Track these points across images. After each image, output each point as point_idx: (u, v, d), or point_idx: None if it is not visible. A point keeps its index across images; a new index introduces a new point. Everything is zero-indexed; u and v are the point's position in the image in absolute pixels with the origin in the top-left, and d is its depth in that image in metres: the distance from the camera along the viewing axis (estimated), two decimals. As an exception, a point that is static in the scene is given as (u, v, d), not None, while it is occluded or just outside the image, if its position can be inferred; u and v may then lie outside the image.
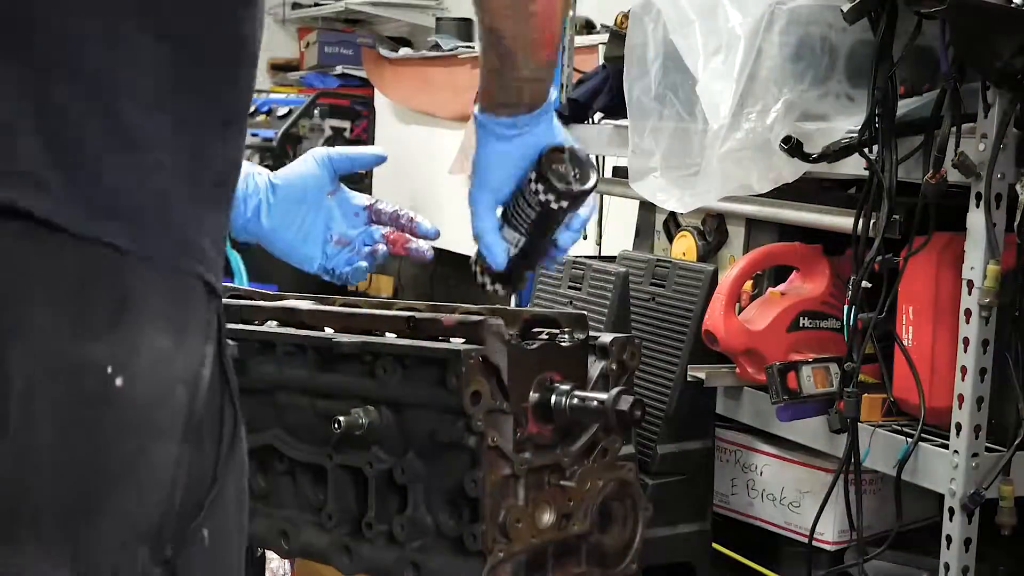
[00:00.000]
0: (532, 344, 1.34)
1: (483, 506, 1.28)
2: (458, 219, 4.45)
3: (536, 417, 1.31)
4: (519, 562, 1.30)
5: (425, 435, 1.33)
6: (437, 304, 1.49)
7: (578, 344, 1.36)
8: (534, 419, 1.31)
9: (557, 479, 1.33)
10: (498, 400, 1.29)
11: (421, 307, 1.48)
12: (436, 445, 1.32)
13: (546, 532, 1.32)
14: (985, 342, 1.76)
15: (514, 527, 1.28)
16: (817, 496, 2.07)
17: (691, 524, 2.18)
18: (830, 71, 2.03)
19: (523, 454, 1.30)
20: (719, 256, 2.40)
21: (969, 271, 1.77)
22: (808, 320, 2.13)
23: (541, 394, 1.30)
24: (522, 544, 1.29)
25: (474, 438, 1.28)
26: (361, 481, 1.40)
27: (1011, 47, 1.64)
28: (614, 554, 1.39)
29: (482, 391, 1.27)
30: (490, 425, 1.28)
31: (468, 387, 1.26)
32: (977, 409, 1.77)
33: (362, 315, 1.47)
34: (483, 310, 1.39)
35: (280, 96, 4.94)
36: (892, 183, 1.85)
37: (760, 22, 1.99)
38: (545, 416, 1.31)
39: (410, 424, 1.35)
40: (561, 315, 1.40)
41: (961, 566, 1.78)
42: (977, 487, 1.77)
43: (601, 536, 1.37)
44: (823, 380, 1.99)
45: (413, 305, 1.49)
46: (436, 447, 1.32)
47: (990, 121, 1.72)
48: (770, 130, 1.97)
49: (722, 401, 2.24)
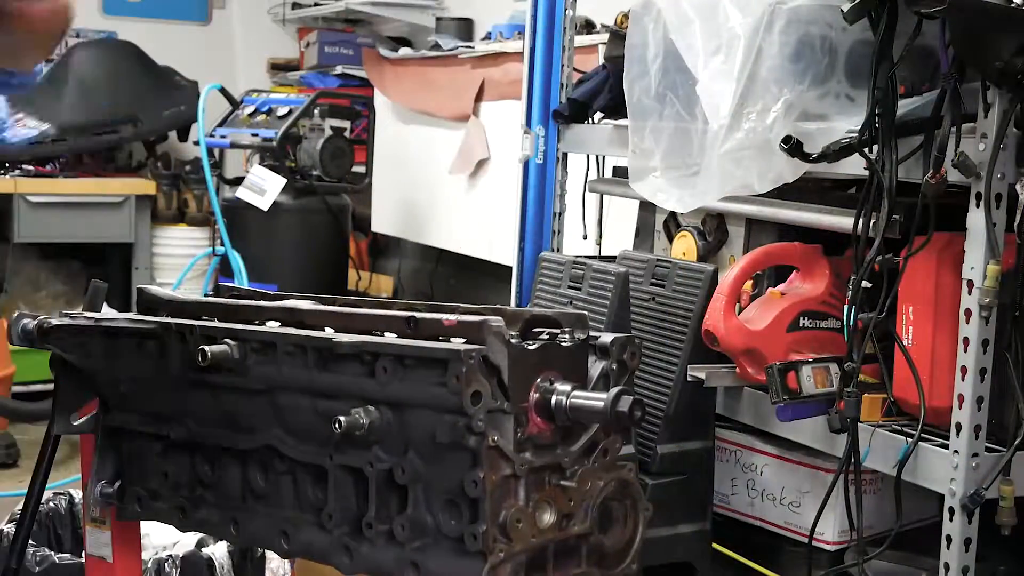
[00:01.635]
0: (532, 344, 1.34)
1: (483, 506, 1.28)
2: (458, 219, 4.49)
3: (536, 417, 1.31)
4: (519, 562, 1.30)
5: (426, 435, 1.33)
6: (437, 304, 1.49)
7: (578, 344, 1.36)
8: (534, 419, 1.31)
9: (557, 479, 1.33)
10: (499, 400, 1.29)
11: (421, 307, 1.48)
12: (436, 445, 1.31)
13: (546, 532, 1.32)
14: (985, 342, 1.76)
15: (514, 527, 1.28)
16: (817, 496, 2.07)
17: (691, 524, 2.19)
18: (830, 71, 2.03)
19: (523, 454, 1.30)
20: (719, 256, 2.40)
21: (969, 271, 1.77)
22: (808, 320, 2.13)
23: (541, 394, 1.30)
24: (522, 544, 1.29)
25: (474, 438, 1.28)
26: (361, 481, 1.40)
27: (1011, 47, 1.64)
28: (614, 554, 1.39)
29: (482, 391, 1.27)
30: (490, 425, 1.28)
31: (468, 387, 1.26)
32: (977, 409, 1.77)
33: (362, 315, 1.47)
34: (483, 310, 1.39)
35: (280, 96, 4.93)
36: (892, 183, 1.85)
37: (760, 22, 1.99)
38: (545, 416, 1.31)
39: (410, 424, 1.35)
40: (561, 315, 1.40)
41: (961, 566, 1.78)
42: (977, 487, 1.77)
43: (601, 536, 1.37)
44: (823, 380, 1.99)
45: (413, 305, 1.49)
46: (436, 447, 1.32)
47: (990, 121, 1.72)
48: (770, 130, 1.97)
49: (722, 401, 2.24)
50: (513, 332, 1.34)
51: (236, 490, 1.54)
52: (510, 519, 1.28)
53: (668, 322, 2.21)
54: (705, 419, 2.21)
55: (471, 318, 1.33)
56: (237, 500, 1.54)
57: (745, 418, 2.23)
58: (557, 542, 1.34)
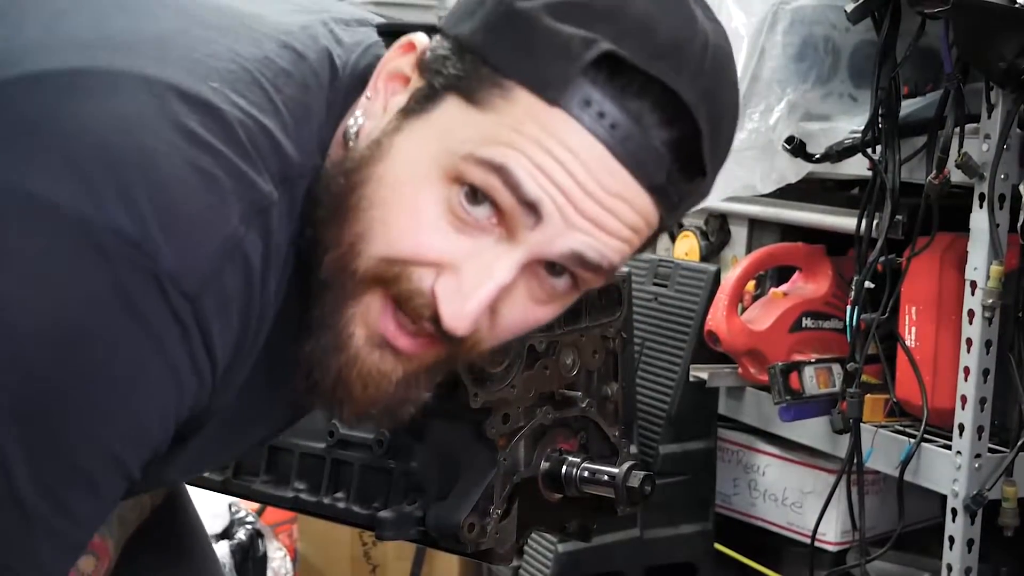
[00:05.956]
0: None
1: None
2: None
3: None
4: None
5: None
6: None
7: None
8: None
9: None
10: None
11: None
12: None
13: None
14: (988, 343, 1.76)
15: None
16: (819, 497, 2.07)
17: (693, 524, 2.18)
18: (833, 71, 2.03)
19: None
20: (722, 256, 2.40)
21: (972, 272, 1.76)
22: (811, 320, 2.13)
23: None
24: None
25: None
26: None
27: (1015, 47, 1.63)
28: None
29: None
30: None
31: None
32: (980, 410, 1.77)
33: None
34: None
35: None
36: (895, 183, 1.85)
37: (763, 22, 1.99)
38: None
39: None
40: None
41: (963, 567, 1.78)
42: (980, 488, 1.76)
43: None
44: (826, 380, 1.99)
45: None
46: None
47: (993, 121, 1.72)
48: (773, 130, 1.97)
49: (724, 401, 2.24)
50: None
51: None
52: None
53: (670, 322, 2.21)
54: (707, 419, 2.21)
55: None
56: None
57: (747, 418, 2.23)
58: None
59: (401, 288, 0.90)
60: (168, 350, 0.83)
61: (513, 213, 0.88)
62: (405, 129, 0.91)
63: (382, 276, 0.90)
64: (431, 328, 0.91)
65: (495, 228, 0.89)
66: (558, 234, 0.88)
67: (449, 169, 0.88)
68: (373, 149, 0.91)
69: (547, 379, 1.24)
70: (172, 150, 0.82)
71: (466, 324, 0.90)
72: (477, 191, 0.88)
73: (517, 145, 0.86)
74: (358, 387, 0.93)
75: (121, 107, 0.83)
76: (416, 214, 0.89)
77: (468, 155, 0.87)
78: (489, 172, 0.87)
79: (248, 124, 0.87)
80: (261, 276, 0.88)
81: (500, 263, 0.89)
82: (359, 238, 0.90)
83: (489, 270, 0.89)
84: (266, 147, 0.88)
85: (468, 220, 0.88)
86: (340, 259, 0.90)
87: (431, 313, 0.90)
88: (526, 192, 0.87)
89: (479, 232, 0.89)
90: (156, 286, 0.81)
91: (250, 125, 0.87)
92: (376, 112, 0.94)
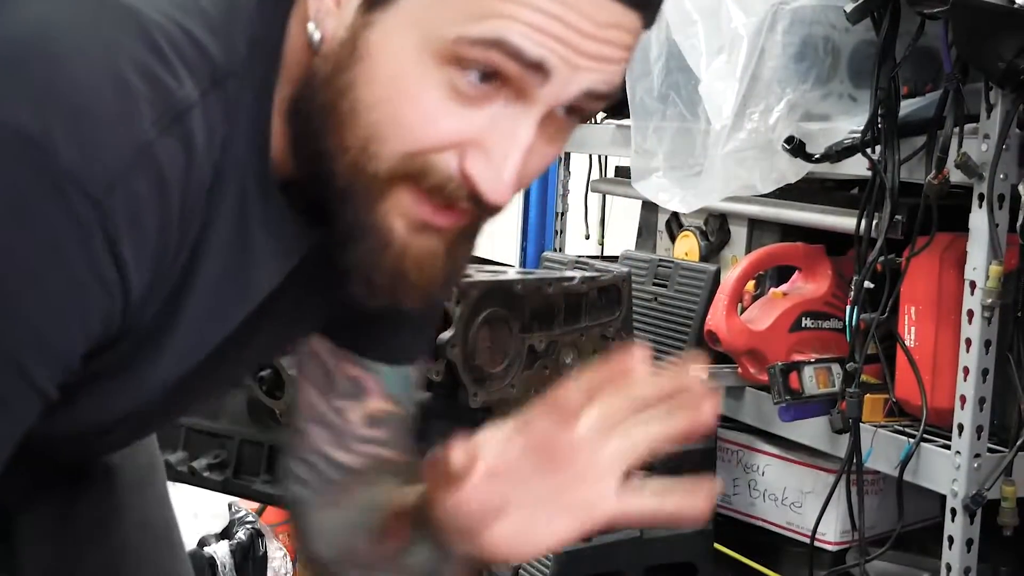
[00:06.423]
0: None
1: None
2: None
3: None
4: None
5: None
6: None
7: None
8: None
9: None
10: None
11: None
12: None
13: None
14: (987, 343, 1.76)
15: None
16: (819, 496, 2.07)
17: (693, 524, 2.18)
18: (833, 71, 2.03)
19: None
20: (721, 256, 2.40)
21: (972, 271, 1.76)
22: (810, 320, 2.13)
23: None
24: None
25: None
26: None
27: (1014, 47, 1.63)
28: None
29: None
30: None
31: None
32: (979, 410, 1.77)
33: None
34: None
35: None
36: (895, 183, 1.85)
37: (763, 22, 1.99)
38: None
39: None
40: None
41: (963, 567, 1.78)
42: (979, 488, 1.77)
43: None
44: (825, 380, 1.99)
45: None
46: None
47: (993, 121, 1.72)
48: (773, 130, 1.97)
49: (724, 401, 2.24)
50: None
51: None
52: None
53: (670, 322, 2.21)
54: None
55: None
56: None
57: (747, 418, 2.23)
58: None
59: (431, 182, 0.89)
60: (66, 253, 0.80)
61: (521, 77, 0.86)
62: (376, 23, 0.87)
63: (406, 171, 0.89)
64: (468, 205, 0.91)
65: (499, 91, 0.88)
66: (567, 81, 0.87)
67: (442, 54, 0.86)
68: (347, 50, 0.88)
69: (547, 379, 1.25)
70: (85, 53, 0.81)
71: (508, 194, 0.90)
72: (483, 70, 0.86)
73: (504, 12, 0.84)
74: (414, 273, 0.93)
75: (37, 10, 0.82)
76: (423, 104, 0.87)
77: (459, 38, 0.85)
78: (487, 48, 0.85)
79: (168, 28, 0.85)
80: (181, 183, 0.84)
81: (521, 126, 0.88)
82: (369, 141, 0.88)
83: (513, 136, 0.88)
84: (189, 50, 0.85)
85: (473, 94, 0.87)
86: (355, 164, 0.89)
87: (467, 193, 0.89)
88: (529, 56, 0.85)
89: (487, 102, 0.88)
90: (53, 185, 0.78)
91: (170, 29, 0.85)
92: (329, 8, 0.90)
